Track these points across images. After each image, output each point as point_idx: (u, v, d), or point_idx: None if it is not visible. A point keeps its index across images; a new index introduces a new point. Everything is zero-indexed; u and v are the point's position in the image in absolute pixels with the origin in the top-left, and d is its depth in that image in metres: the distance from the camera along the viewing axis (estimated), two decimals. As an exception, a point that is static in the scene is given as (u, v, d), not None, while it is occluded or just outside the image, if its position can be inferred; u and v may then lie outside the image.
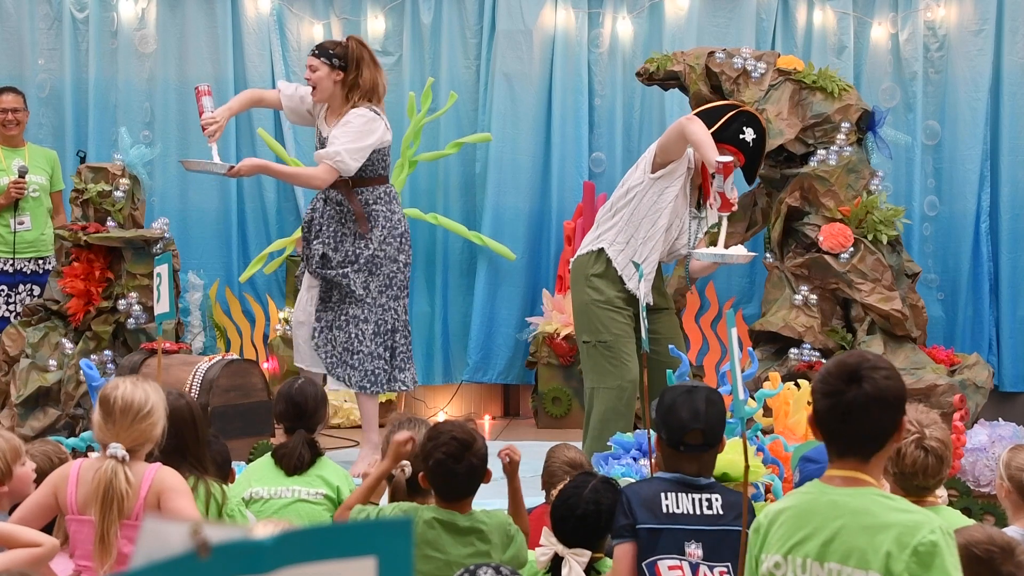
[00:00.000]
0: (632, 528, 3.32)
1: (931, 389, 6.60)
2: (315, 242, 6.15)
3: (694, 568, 3.30)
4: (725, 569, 3.32)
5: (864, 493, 2.62)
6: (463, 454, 3.49)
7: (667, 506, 3.33)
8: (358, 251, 6.11)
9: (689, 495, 3.36)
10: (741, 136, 5.74)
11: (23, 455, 3.72)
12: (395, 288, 6.23)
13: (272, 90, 6.63)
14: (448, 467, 3.49)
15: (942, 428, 3.53)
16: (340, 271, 6.10)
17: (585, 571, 3.48)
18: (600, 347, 5.71)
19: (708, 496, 3.38)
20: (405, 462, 3.77)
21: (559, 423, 7.73)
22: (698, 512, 3.34)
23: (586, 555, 3.47)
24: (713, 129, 5.60)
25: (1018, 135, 8.03)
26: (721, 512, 3.36)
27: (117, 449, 3.33)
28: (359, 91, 6.06)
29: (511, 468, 3.88)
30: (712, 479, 3.46)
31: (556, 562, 3.55)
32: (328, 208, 6.17)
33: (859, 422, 2.63)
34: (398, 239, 6.21)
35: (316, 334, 6.18)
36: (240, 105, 6.45)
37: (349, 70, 6.05)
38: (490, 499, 4.94)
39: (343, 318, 6.14)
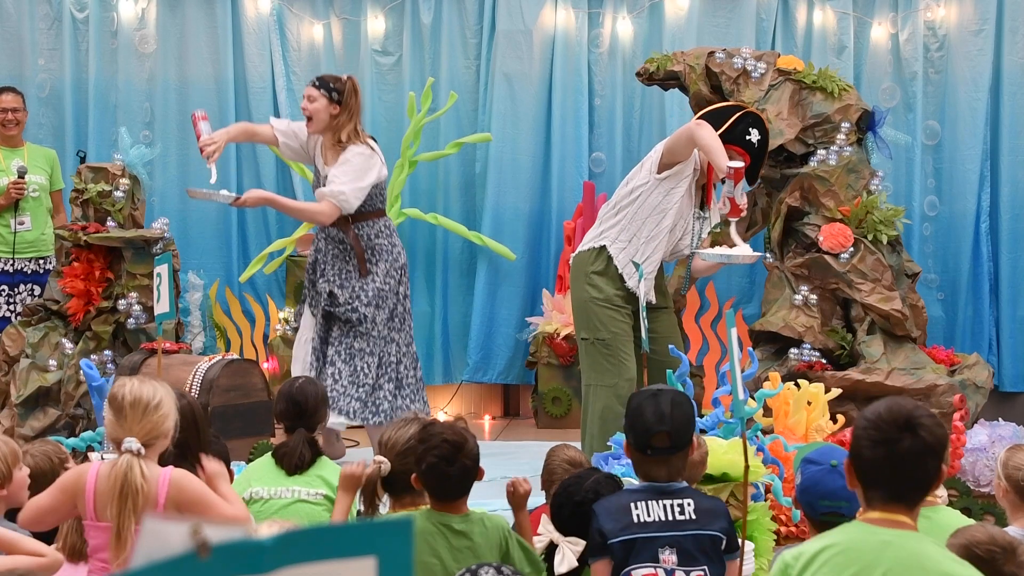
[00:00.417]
0: (604, 545, 3.30)
1: (931, 389, 6.59)
2: (320, 281, 6.24)
3: (669, 574, 3.29)
4: (701, 573, 3.31)
5: (918, 537, 2.58)
6: (455, 456, 3.47)
7: (638, 515, 3.30)
8: (365, 285, 6.20)
9: (660, 502, 3.32)
10: (747, 137, 5.75)
11: (20, 459, 3.74)
12: (396, 320, 6.33)
13: (264, 124, 6.66)
14: (441, 470, 3.47)
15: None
16: (349, 306, 6.19)
17: (579, 560, 3.48)
18: (598, 345, 5.71)
19: (680, 501, 3.34)
20: (382, 458, 3.76)
21: (559, 423, 7.73)
22: (670, 518, 3.31)
23: (581, 544, 3.47)
24: (721, 131, 5.61)
25: (1018, 135, 8.03)
26: (694, 516, 3.32)
27: (131, 443, 3.34)
28: (348, 128, 6.17)
29: (516, 500, 3.82)
30: (684, 483, 3.44)
31: (551, 551, 3.55)
32: (331, 247, 6.27)
33: (912, 471, 2.57)
34: (399, 272, 6.34)
35: (315, 372, 6.20)
36: (236, 133, 6.52)
37: (344, 106, 6.17)
38: (490, 500, 4.94)
39: (348, 352, 6.21)
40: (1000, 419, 6.17)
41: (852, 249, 6.82)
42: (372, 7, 8.32)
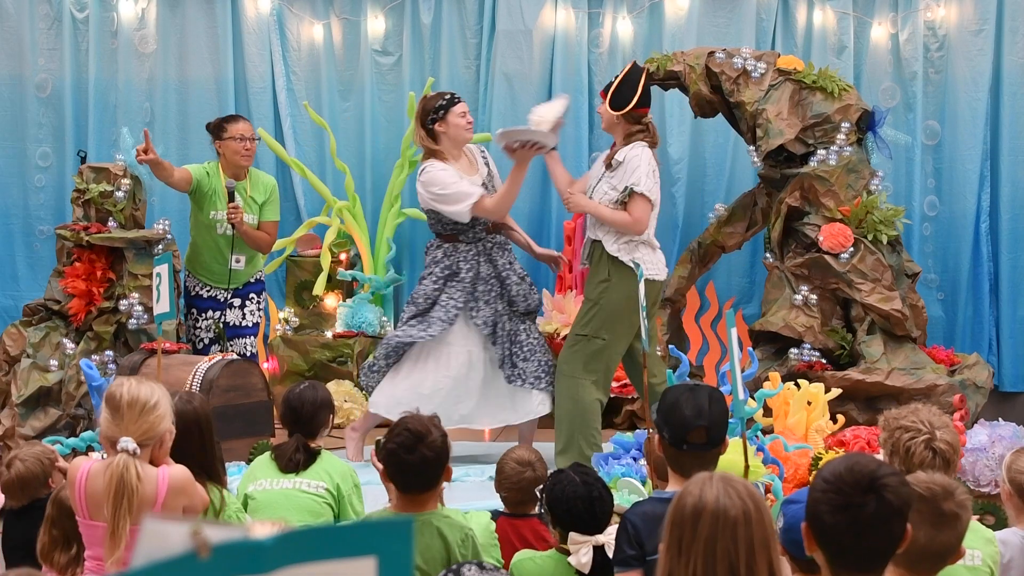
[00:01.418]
0: (641, 559, 3.24)
1: (931, 389, 6.60)
2: (498, 303, 6.35)
3: None
4: None
5: None
6: (415, 445, 3.44)
7: None
8: (520, 272, 6.48)
9: None
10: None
11: None
12: None
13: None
14: (400, 458, 3.45)
15: (952, 432, 3.53)
16: (531, 299, 6.46)
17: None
18: None
19: None
20: None
21: (559, 423, 7.70)
22: None
23: (613, 532, 3.47)
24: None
25: (1018, 135, 8.03)
26: None
27: (128, 442, 3.32)
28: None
29: None
30: None
31: (599, 557, 3.52)
32: (495, 256, 6.43)
33: (876, 536, 2.39)
34: None
35: (530, 364, 6.33)
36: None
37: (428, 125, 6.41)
38: (488, 500, 4.94)
39: (540, 340, 6.45)
40: (1000, 419, 6.17)
41: (852, 249, 6.82)
42: (372, 7, 8.32)
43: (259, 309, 7.15)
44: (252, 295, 7.09)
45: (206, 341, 7.00)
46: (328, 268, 7.77)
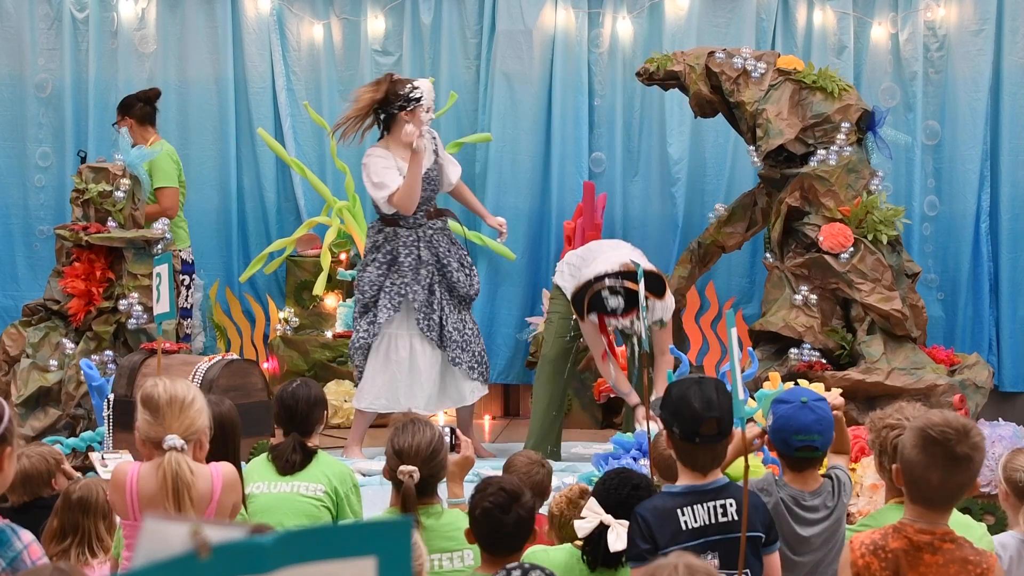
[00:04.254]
0: (654, 553, 3.20)
1: (931, 389, 6.60)
2: (438, 289, 6.59)
3: None
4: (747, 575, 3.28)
5: None
6: (511, 505, 3.44)
7: (685, 522, 3.25)
8: (461, 258, 6.73)
9: (704, 504, 3.28)
10: (607, 306, 5.97)
11: None
12: None
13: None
14: (495, 518, 3.43)
15: None
16: (471, 286, 6.75)
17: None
18: None
19: (723, 502, 3.30)
20: (413, 468, 3.75)
21: (559, 423, 7.70)
22: (714, 521, 3.28)
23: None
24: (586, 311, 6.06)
25: (1018, 135, 8.03)
26: (736, 517, 3.28)
27: (174, 440, 3.28)
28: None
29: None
30: (724, 479, 3.41)
31: (598, 533, 3.53)
32: (443, 240, 6.68)
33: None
34: None
35: (465, 354, 6.64)
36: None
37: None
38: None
39: (474, 329, 6.76)
40: (1000, 419, 6.17)
41: (852, 249, 6.82)
42: (372, 7, 8.32)
43: (186, 289, 7.45)
44: (183, 276, 7.41)
45: None
46: (328, 268, 7.77)
